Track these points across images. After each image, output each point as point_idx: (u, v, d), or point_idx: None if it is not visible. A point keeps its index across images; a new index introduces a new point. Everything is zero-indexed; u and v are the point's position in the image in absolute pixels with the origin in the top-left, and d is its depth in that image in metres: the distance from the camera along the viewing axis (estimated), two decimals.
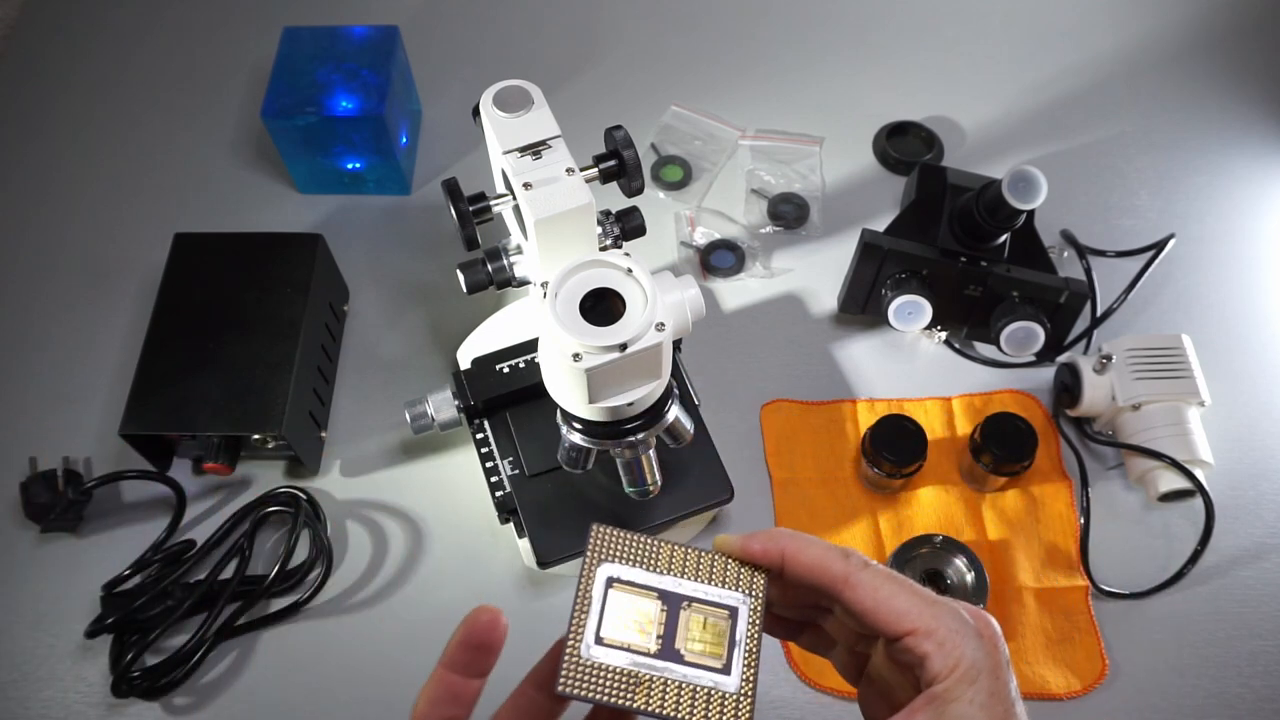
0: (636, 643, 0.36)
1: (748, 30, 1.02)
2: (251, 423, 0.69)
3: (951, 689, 0.34)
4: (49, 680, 0.68)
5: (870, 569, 0.37)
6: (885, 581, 0.36)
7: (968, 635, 0.35)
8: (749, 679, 0.36)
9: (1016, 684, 0.36)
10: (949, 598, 0.37)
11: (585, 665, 0.36)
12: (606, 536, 0.38)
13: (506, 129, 0.55)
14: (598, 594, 0.37)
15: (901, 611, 0.35)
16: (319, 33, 0.86)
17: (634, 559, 0.38)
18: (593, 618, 0.37)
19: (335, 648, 0.69)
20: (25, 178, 0.93)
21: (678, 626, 0.37)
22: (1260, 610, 0.70)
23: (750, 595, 0.38)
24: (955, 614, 0.35)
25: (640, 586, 0.37)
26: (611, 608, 0.37)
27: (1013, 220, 0.74)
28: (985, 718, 0.34)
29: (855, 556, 0.37)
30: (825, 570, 0.37)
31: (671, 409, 0.58)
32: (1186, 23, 1.03)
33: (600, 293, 0.50)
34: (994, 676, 0.34)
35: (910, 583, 0.37)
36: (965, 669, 0.34)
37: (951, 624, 0.35)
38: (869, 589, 0.36)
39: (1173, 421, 0.72)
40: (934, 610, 0.35)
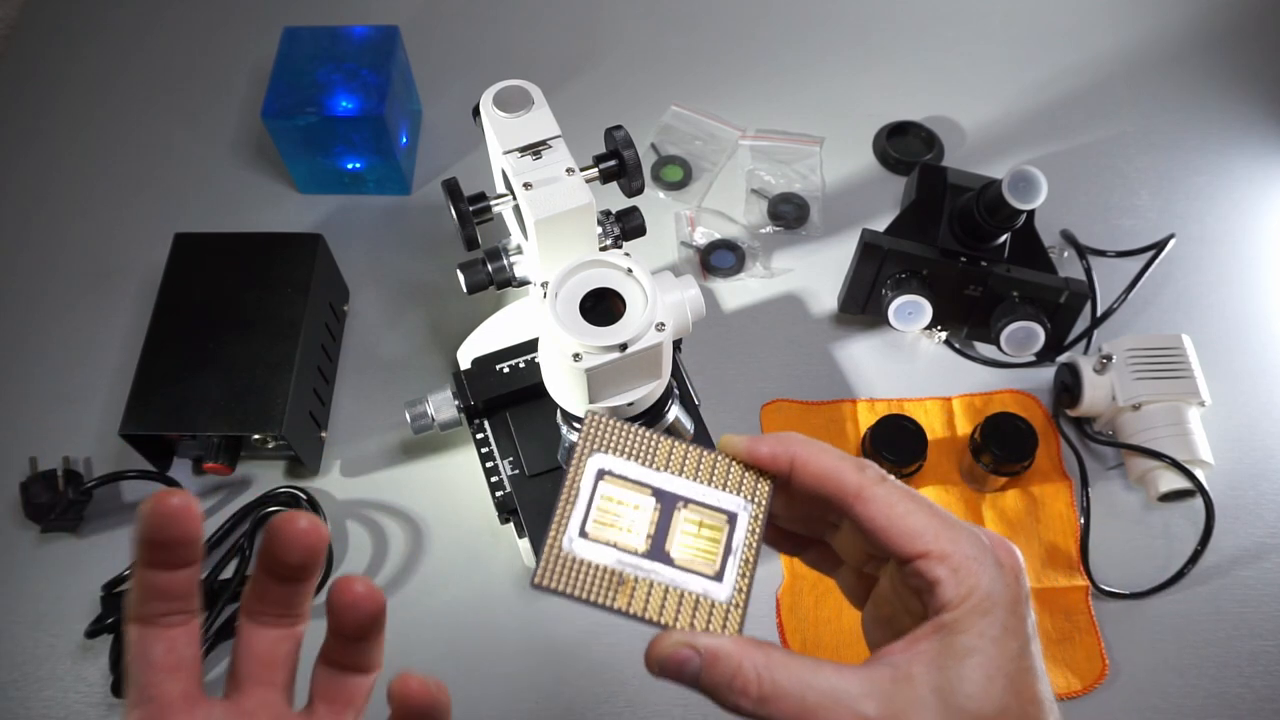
0: (624, 540, 0.34)
1: (748, 30, 1.02)
2: (251, 423, 0.69)
3: (962, 619, 0.32)
4: (49, 680, 0.68)
5: (887, 484, 0.34)
6: (902, 498, 0.34)
7: (986, 563, 0.32)
8: (742, 589, 0.34)
9: (1034, 619, 0.33)
10: (971, 523, 0.35)
11: (565, 559, 0.34)
12: (602, 425, 0.36)
13: (506, 129, 0.55)
14: (586, 485, 0.35)
15: (916, 532, 0.33)
16: (319, 33, 0.86)
17: (631, 452, 0.36)
18: (578, 509, 0.34)
19: None
20: (25, 178, 0.93)
21: (670, 527, 0.35)
22: (1260, 610, 0.70)
23: (752, 502, 0.35)
24: (975, 539, 0.33)
25: (634, 481, 0.35)
26: (600, 501, 0.35)
27: (1013, 220, 0.74)
28: (996, 653, 0.31)
29: (872, 469, 0.35)
30: (837, 481, 0.34)
31: (671, 409, 0.58)
32: (1186, 23, 1.03)
33: (600, 293, 0.50)
34: (1011, 611, 0.32)
35: (929, 502, 0.34)
36: (979, 599, 0.32)
37: (969, 549, 0.33)
38: (883, 504, 0.34)
39: (1173, 421, 0.72)
40: (952, 533, 0.33)
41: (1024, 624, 0.32)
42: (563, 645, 0.69)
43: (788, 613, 0.70)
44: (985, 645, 0.31)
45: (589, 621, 0.70)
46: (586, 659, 0.69)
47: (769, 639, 0.68)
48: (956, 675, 0.31)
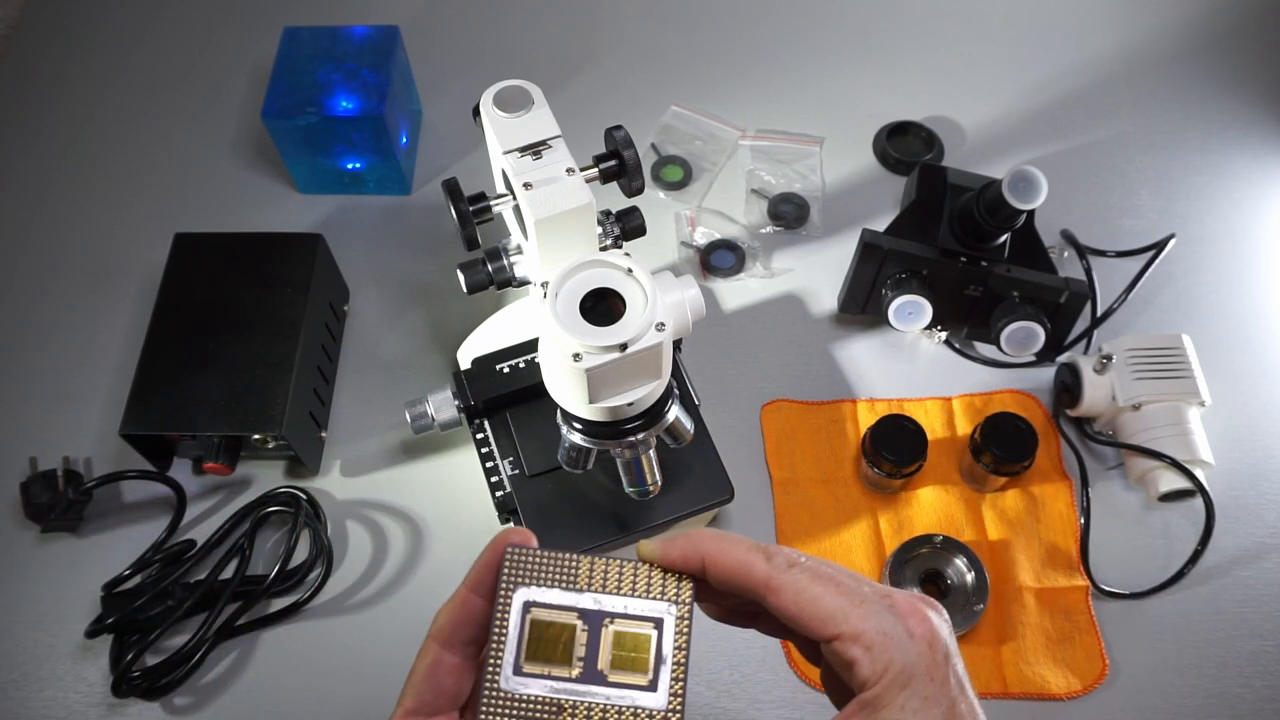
0: (556, 669, 0.35)
1: (748, 30, 1.02)
2: (251, 423, 0.69)
3: (882, 695, 0.32)
4: (49, 680, 0.68)
5: (795, 570, 0.35)
6: (810, 583, 0.34)
7: (896, 636, 0.33)
8: (677, 693, 0.35)
9: (962, 674, 0.34)
10: (886, 589, 0.35)
11: (505, 697, 0.35)
12: (519, 558, 0.36)
13: (506, 129, 0.55)
14: (514, 621, 0.36)
15: (826, 615, 0.34)
16: (319, 33, 0.86)
17: (551, 579, 0.36)
18: (510, 647, 0.35)
19: (335, 648, 0.69)
20: (26, 178, 0.93)
21: (600, 645, 0.35)
22: (1260, 610, 0.70)
23: (675, 603, 0.36)
24: (884, 614, 0.34)
25: (558, 608, 0.36)
26: (531, 634, 0.36)
27: (1013, 220, 0.74)
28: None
29: (780, 557, 0.35)
30: (747, 575, 0.35)
31: (671, 409, 0.58)
32: (1186, 23, 1.03)
33: (600, 293, 0.50)
34: (928, 678, 0.33)
35: (841, 578, 0.35)
36: (895, 674, 0.33)
37: (881, 625, 0.33)
38: (791, 593, 0.34)
39: (1173, 421, 0.72)
40: (861, 611, 0.33)
41: (945, 687, 0.33)
42: None
43: None
44: (908, 717, 0.32)
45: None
46: None
47: (770, 639, 0.69)
48: None
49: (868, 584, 0.35)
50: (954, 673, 0.34)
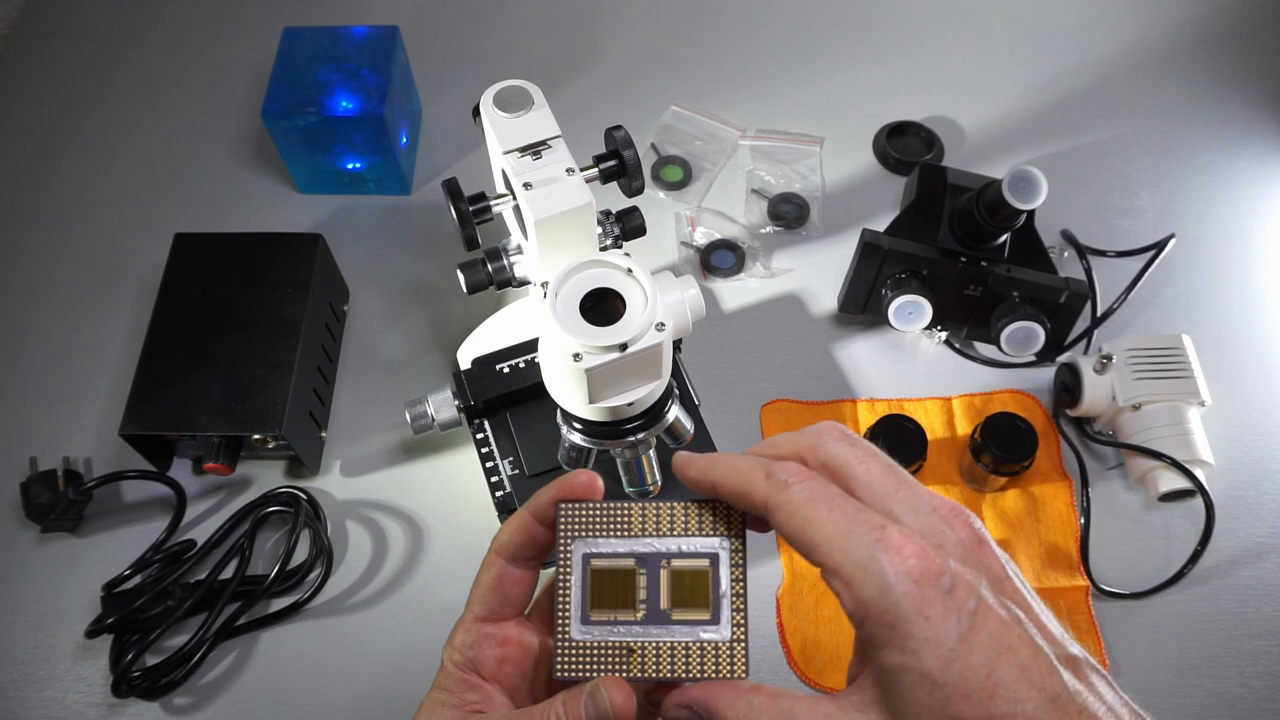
0: (622, 614, 0.36)
1: (748, 30, 1.02)
2: (251, 423, 0.69)
3: (875, 636, 0.31)
4: (49, 680, 0.68)
5: (791, 489, 0.33)
6: (804, 505, 0.32)
7: (876, 574, 0.30)
8: (739, 623, 0.36)
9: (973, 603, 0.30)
10: (884, 517, 0.32)
11: (576, 647, 0.36)
12: (574, 513, 0.38)
13: (506, 129, 0.55)
14: (576, 574, 0.37)
15: (813, 543, 0.32)
16: (319, 33, 0.86)
17: (605, 529, 0.37)
18: (574, 599, 0.37)
19: (335, 648, 0.69)
20: (26, 178, 0.93)
21: (659, 587, 0.36)
22: (1260, 610, 0.70)
23: (730, 536, 0.37)
24: (869, 548, 0.31)
25: (616, 555, 0.37)
26: (593, 583, 0.37)
27: (1013, 220, 0.74)
28: (923, 666, 0.29)
29: (778, 475, 0.33)
30: (748, 496, 0.34)
31: (671, 409, 0.58)
32: (1186, 23, 1.03)
33: (600, 293, 0.50)
34: (920, 617, 0.30)
35: (838, 498, 0.32)
36: (878, 612, 0.30)
37: (860, 561, 0.31)
38: (785, 515, 0.33)
39: (1173, 421, 0.72)
40: (844, 544, 0.31)
41: (945, 624, 0.30)
42: None
43: (788, 613, 0.70)
44: (908, 661, 0.30)
45: None
46: None
47: (770, 639, 0.69)
48: (899, 697, 0.30)
49: (886, 494, 0.33)
50: (958, 602, 0.30)
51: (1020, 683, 0.30)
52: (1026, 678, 0.30)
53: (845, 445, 0.35)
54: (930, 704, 0.30)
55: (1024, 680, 0.30)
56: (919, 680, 0.30)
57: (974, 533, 0.33)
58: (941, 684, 0.29)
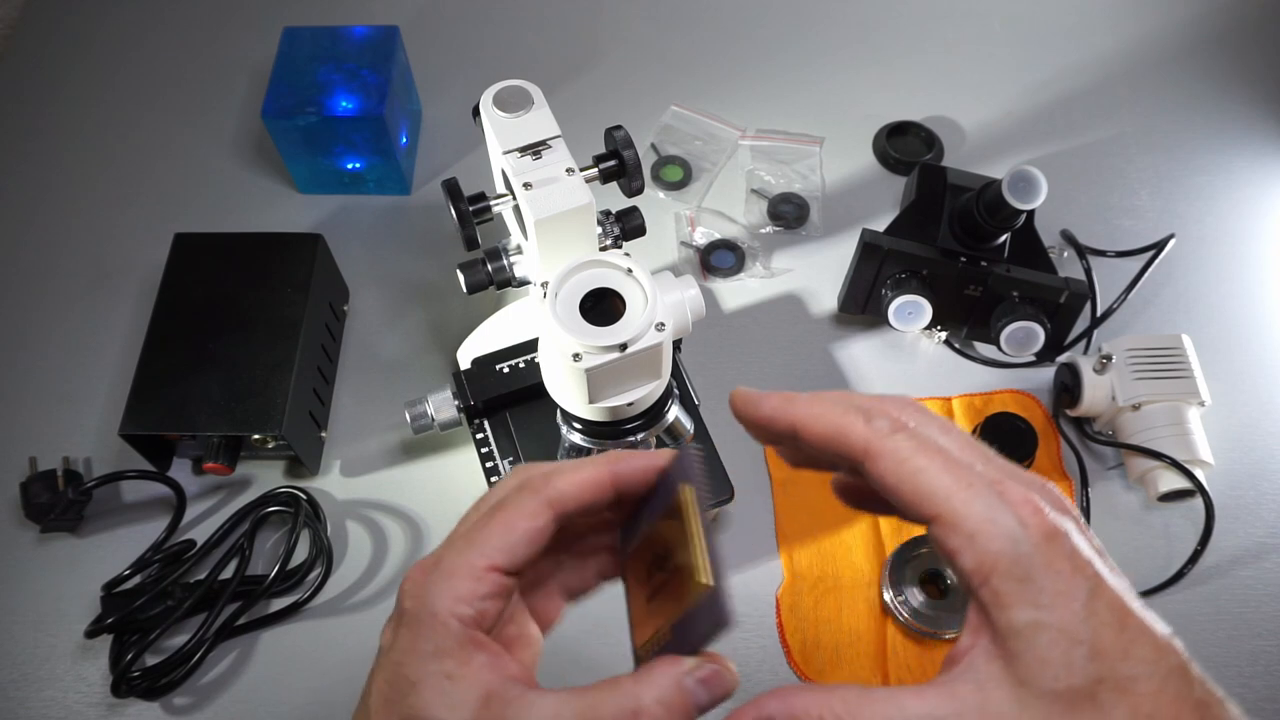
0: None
1: (748, 30, 1.02)
2: (251, 423, 0.69)
3: (1003, 594, 0.29)
4: (49, 680, 0.68)
5: (899, 435, 0.31)
6: (914, 453, 0.31)
7: (1005, 526, 0.29)
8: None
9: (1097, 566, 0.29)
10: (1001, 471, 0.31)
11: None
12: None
13: (506, 129, 0.55)
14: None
15: (925, 494, 0.30)
16: (319, 33, 0.86)
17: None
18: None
19: (335, 648, 0.69)
20: (25, 178, 0.93)
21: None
22: (1260, 610, 0.70)
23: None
24: (992, 500, 0.29)
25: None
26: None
27: (1013, 220, 0.74)
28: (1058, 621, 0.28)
29: (882, 418, 0.32)
30: (844, 440, 0.32)
31: (671, 409, 0.58)
32: (1186, 23, 1.03)
33: (600, 293, 0.50)
34: (1049, 569, 0.28)
35: (953, 450, 0.31)
36: (1007, 566, 0.29)
37: (988, 512, 0.29)
38: (891, 462, 0.31)
39: (1173, 421, 0.72)
40: (967, 494, 0.30)
41: (1075, 580, 0.29)
42: (562, 644, 0.69)
43: (788, 613, 0.70)
44: (1043, 616, 0.28)
45: (588, 621, 0.70)
46: (586, 658, 0.69)
47: (770, 639, 0.69)
48: (1034, 659, 0.29)
49: (984, 461, 0.31)
50: (1081, 564, 0.29)
51: (1149, 649, 0.29)
52: (1153, 644, 0.29)
53: (924, 417, 0.33)
54: (1070, 662, 0.28)
55: (1150, 645, 0.29)
56: (1058, 637, 0.28)
57: (1068, 506, 0.32)
58: (1081, 640, 0.28)
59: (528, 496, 0.34)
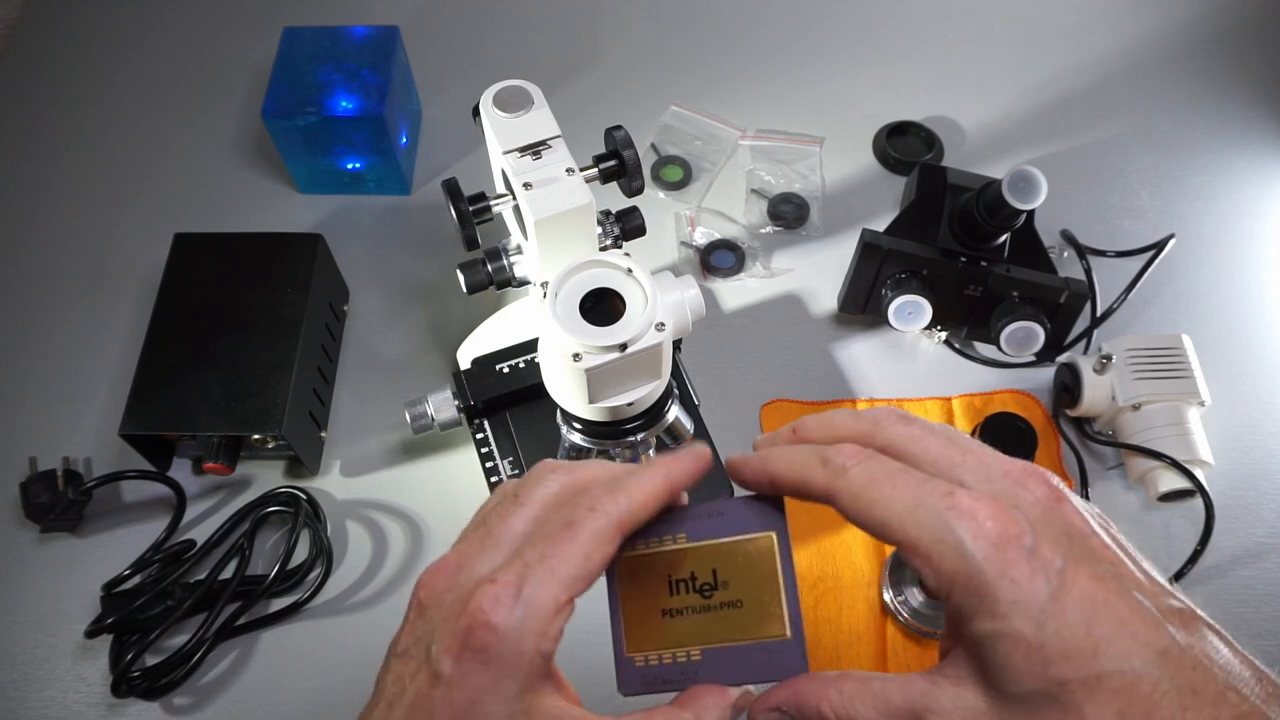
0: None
1: (748, 30, 1.02)
2: (251, 423, 0.69)
3: (963, 606, 0.30)
4: (49, 680, 0.68)
5: (852, 472, 0.32)
6: (866, 486, 0.31)
7: (953, 544, 0.30)
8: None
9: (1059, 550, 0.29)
10: (952, 484, 0.31)
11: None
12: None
13: (506, 129, 0.55)
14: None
15: (882, 522, 0.31)
16: (319, 33, 0.86)
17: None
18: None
19: (335, 648, 0.69)
20: (25, 178, 0.93)
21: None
22: (1260, 610, 0.70)
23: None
24: (940, 517, 0.30)
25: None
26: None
27: (1013, 220, 0.74)
28: (1016, 628, 0.29)
29: (835, 461, 0.32)
30: (808, 486, 0.33)
31: (671, 409, 0.58)
32: (1186, 23, 1.03)
33: (600, 293, 0.50)
34: (1006, 580, 0.29)
35: (899, 473, 0.32)
36: (963, 581, 0.29)
37: (935, 533, 0.30)
38: (849, 498, 0.32)
39: (1173, 421, 0.72)
40: (916, 517, 0.30)
41: (1033, 584, 0.29)
42: (563, 646, 0.69)
43: None
44: (999, 626, 0.29)
45: (589, 623, 0.70)
46: (587, 659, 0.68)
47: None
48: (994, 665, 0.30)
49: (952, 465, 0.32)
50: (1043, 562, 0.29)
51: (1122, 638, 0.28)
52: (1128, 633, 0.28)
53: (903, 425, 0.34)
54: (1029, 668, 0.29)
55: (1125, 635, 0.28)
56: (1014, 645, 0.29)
57: (1051, 490, 0.32)
58: (1038, 646, 0.28)
59: (601, 520, 0.33)
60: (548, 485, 0.35)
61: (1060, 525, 0.31)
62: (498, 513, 0.35)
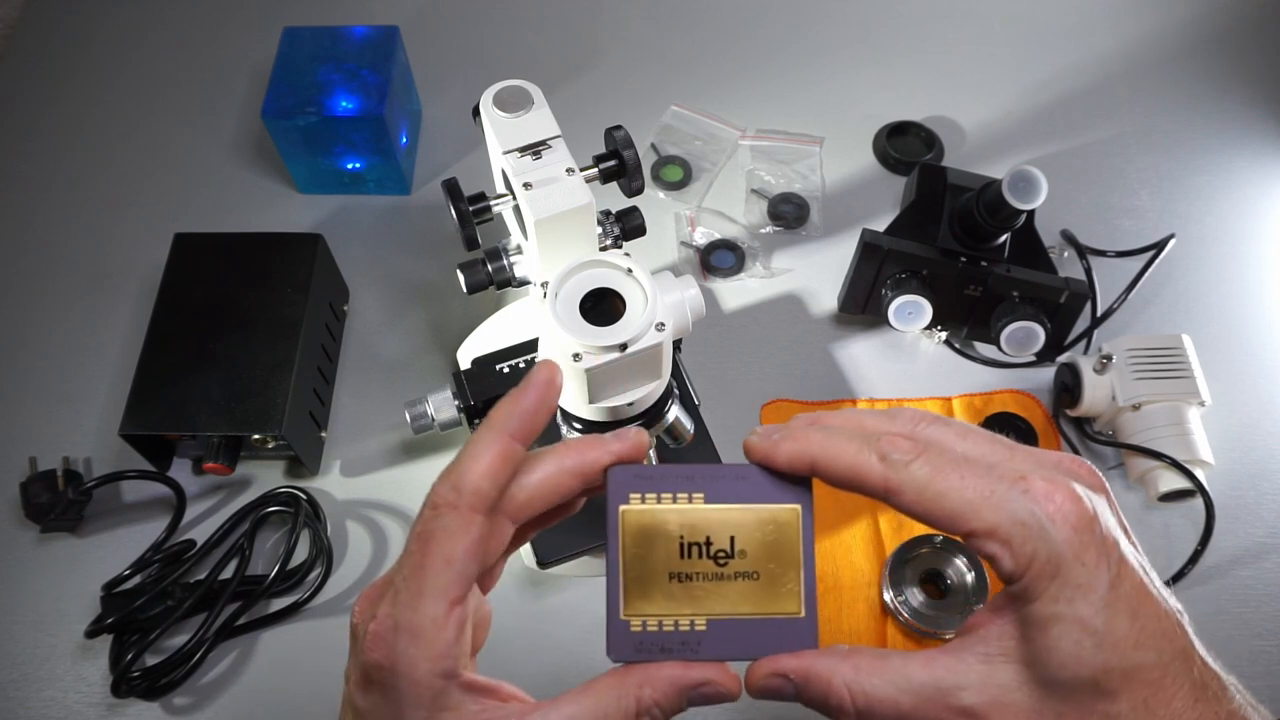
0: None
1: (748, 30, 1.02)
2: (251, 423, 0.69)
3: (1031, 587, 0.30)
4: (49, 680, 0.68)
5: (913, 465, 0.32)
6: (932, 478, 0.31)
7: (1035, 526, 0.30)
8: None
9: (1122, 548, 0.31)
10: (1024, 466, 0.31)
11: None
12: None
13: (506, 129, 0.55)
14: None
15: (955, 512, 0.31)
16: (319, 33, 0.86)
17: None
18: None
19: (335, 648, 0.69)
20: (25, 178, 0.93)
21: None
22: (1260, 610, 0.70)
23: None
24: (1018, 501, 0.30)
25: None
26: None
27: (1013, 220, 0.74)
28: (1075, 614, 0.30)
29: (893, 453, 0.32)
30: (864, 480, 0.33)
31: (671, 409, 0.58)
32: (1186, 23, 1.03)
33: (600, 293, 0.50)
34: (1078, 563, 0.30)
35: (972, 457, 0.32)
36: (1040, 565, 0.30)
37: (1016, 515, 0.30)
38: (913, 493, 0.32)
39: (1173, 421, 0.72)
40: (992, 503, 0.30)
41: (1100, 568, 0.30)
42: (564, 646, 0.69)
43: None
44: (1061, 609, 0.30)
45: (590, 621, 0.70)
46: (587, 659, 0.69)
47: None
48: (1043, 646, 0.30)
49: (1006, 458, 0.32)
50: (1108, 550, 0.30)
51: (1158, 635, 0.30)
52: (1162, 630, 0.30)
53: (940, 427, 0.34)
54: (1078, 651, 0.30)
55: (1160, 632, 0.30)
56: (1071, 627, 0.30)
57: (1099, 481, 0.33)
58: (1094, 630, 0.30)
59: (447, 517, 0.33)
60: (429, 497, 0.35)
61: (1113, 516, 0.32)
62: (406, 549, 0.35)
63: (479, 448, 0.34)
